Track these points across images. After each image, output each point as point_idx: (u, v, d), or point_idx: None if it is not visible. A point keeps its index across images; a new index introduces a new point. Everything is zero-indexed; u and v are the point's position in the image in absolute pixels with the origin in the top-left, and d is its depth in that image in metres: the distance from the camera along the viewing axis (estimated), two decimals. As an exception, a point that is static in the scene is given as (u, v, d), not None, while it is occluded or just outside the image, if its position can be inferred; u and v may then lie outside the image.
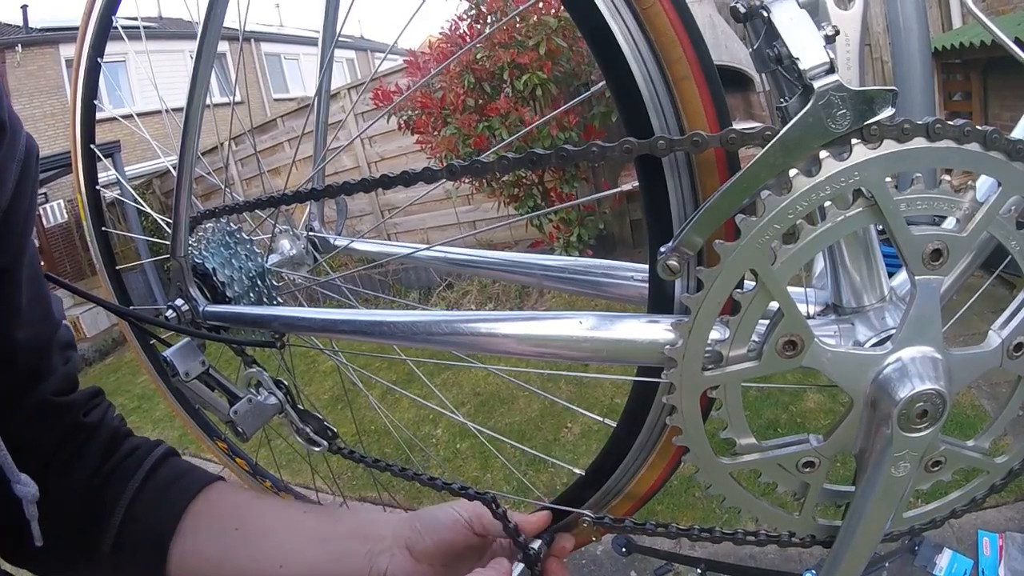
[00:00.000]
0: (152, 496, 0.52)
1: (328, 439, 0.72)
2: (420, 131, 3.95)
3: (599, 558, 2.05)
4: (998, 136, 0.38)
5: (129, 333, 1.03)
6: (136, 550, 0.51)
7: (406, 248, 0.88)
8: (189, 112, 0.62)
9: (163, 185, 6.95)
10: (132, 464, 0.54)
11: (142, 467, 0.53)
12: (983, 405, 2.23)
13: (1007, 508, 1.85)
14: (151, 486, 0.53)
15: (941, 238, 0.40)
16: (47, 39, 10.06)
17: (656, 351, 0.44)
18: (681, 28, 0.41)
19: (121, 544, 0.51)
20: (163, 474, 0.54)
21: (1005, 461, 0.51)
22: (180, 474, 0.55)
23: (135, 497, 0.52)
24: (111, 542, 0.50)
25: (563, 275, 0.70)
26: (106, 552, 0.50)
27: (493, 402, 3.17)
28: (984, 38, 2.75)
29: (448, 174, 0.48)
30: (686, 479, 2.12)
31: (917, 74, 0.56)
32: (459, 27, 3.68)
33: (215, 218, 0.77)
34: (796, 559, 1.80)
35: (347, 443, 0.74)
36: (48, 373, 0.51)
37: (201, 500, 0.53)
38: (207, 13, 0.58)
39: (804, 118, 0.37)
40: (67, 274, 7.78)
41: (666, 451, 0.54)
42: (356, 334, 0.57)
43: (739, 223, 0.39)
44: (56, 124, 9.10)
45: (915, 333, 0.42)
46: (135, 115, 1.14)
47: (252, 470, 1.00)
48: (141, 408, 4.45)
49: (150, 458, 0.54)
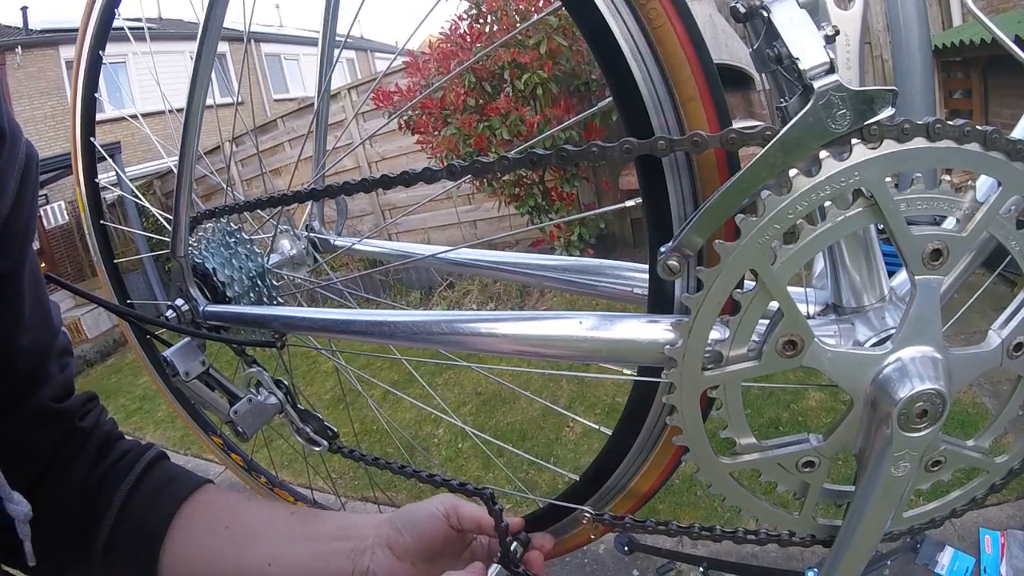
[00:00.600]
0: (144, 498, 0.53)
1: (328, 439, 0.72)
2: (420, 131, 3.95)
3: (601, 557, 2.05)
4: (998, 136, 0.38)
5: (130, 333, 1.03)
6: (128, 552, 0.51)
7: (407, 249, 0.88)
8: (189, 112, 0.62)
9: (163, 186, 6.94)
10: (124, 467, 0.54)
11: (133, 470, 0.54)
12: (984, 403, 2.23)
13: (1008, 506, 1.84)
14: (143, 488, 0.53)
15: (941, 238, 0.40)
16: (47, 40, 10.06)
17: (656, 351, 0.44)
18: (677, 19, 0.41)
19: (113, 546, 0.51)
20: (154, 477, 0.55)
21: (1005, 460, 0.51)
22: (171, 477, 0.56)
23: (127, 499, 0.52)
24: (103, 544, 0.51)
25: (564, 275, 0.70)
26: (98, 554, 0.51)
27: (495, 401, 3.17)
28: (984, 36, 2.74)
29: (448, 174, 0.48)
30: (688, 478, 2.12)
31: (917, 73, 0.56)
32: (459, 27, 3.68)
33: (215, 218, 0.77)
34: (798, 558, 1.80)
35: (347, 443, 0.75)
36: (46, 379, 0.51)
37: (191, 502, 0.54)
38: (207, 13, 0.58)
39: (804, 118, 0.37)
40: (68, 275, 7.79)
41: (667, 450, 0.54)
42: (356, 334, 0.57)
43: (739, 223, 0.39)
44: (56, 125, 9.11)
45: (915, 333, 0.42)
46: (138, 115, 1.15)
47: (247, 466, 1.00)
48: (143, 409, 4.45)
49: (141, 461, 0.55)
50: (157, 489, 0.54)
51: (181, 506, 0.53)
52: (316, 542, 0.54)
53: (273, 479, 1.03)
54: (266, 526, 0.55)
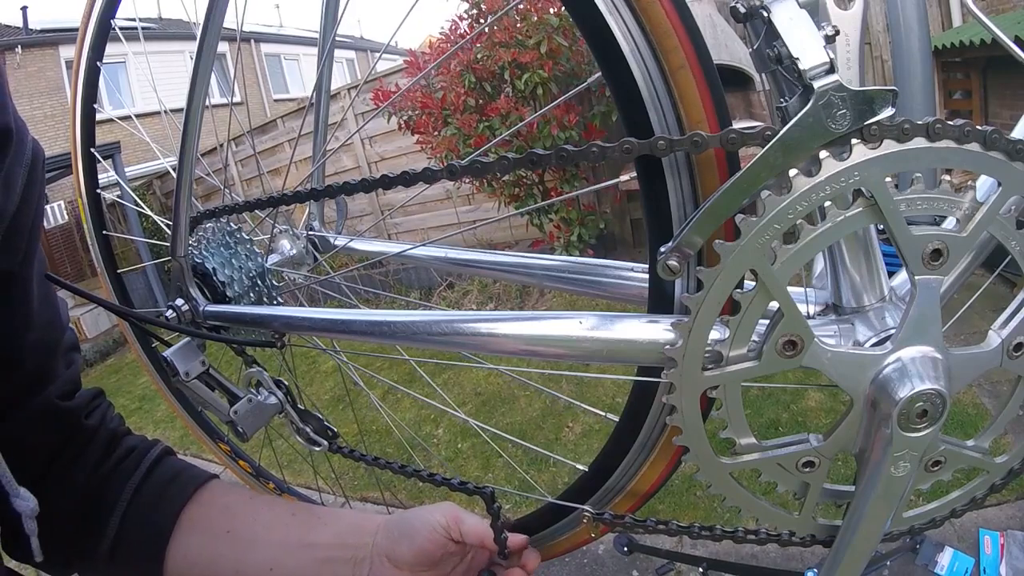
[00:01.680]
0: (149, 498, 0.53)
1: (328, 439, 0.72)
2: (420, 131, 3.95)
3: (601, 557, 2.05)
4: (998, 136, 0.38)
5: (130, 333, 1.03)
6: (133, 552, 0.52)
7: (403, 246, 0.88)
8: (189, 113, 0.62)
9: (163, 186, 6.95)
10: (130, 466, 0.54)
11: (139, 469, 0.54)
12: (984, 403, 2.23)
13: (1008, 506, 1.84)
14: (148, 487, 0.54)
15: (941, 238, 0.40)
16: (47, 40, 10.06)
17: (656, 351, 0.44)
18: (676, 18, 0.41)
19: (119, 545, 0.51)
20: (159, 475, 0.55)
21: (1005, 460, 0.51)
22: (175, 474, 0.56)
23: (133, 499, 0.52)
24: (110, 543, 0.51)
25: (563, 275, 0.70)
26: (104, 553, 0.51)
27: (495, 402, 3.17)
28: (984, 36, 2.75)
29: (448, 174, 0.48)
30: (688, 478, 2.12)
31: (917, 73, 0.56)
32: (459, 27, 3.68)
33: (215, 218, 0.77)
34: (798, 558, 1.80)
35: (347, 443, 0.75)
36: (54, 376, 0.51)
37: (194, 503, 0.54)
38: (207, 13, 0.58)
39: (804, 118, 0.37)
40: (68, 275, 7.79)
41: (667, 450, 0.54)
42: (357, 334, 0.57)
43: (739, 223, 0.39)
44: (56, 125, 9.11)
45: (915, 333, 0.42)
46: (134, 116, 1.14)
47: (255, 472, 1.00)
48: (142, 409, 4.46)
49: (147, 459, 0.55)
50: (162, 489, 0.54)
51: (184, 507, 0.53)
52: (316, 550, 0.54)
53: (281, 484, 1.03)
54: (266, 532, 0.55)
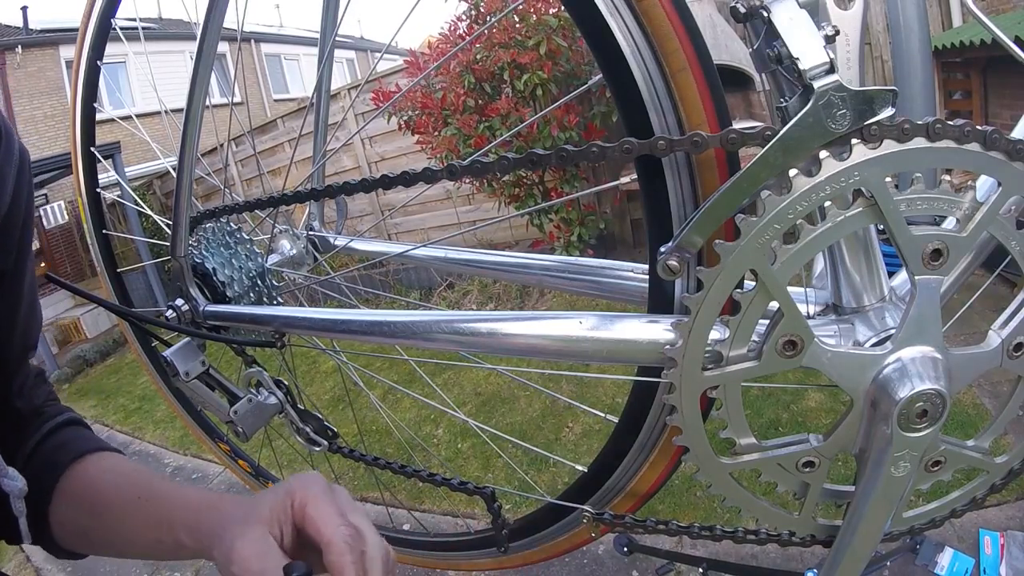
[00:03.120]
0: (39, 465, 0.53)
1: (328, 439, 0.72)
2: (420, 131, 3.95)
3: (601, 557, 2.05)
4: (998, 136, 0.38)
5: (130, 333, 1.03)
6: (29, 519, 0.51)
7: (403, 247, 0.88)
8: (189, 113, 0.62)
9: (163, 186, 6.94)
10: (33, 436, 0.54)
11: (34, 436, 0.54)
12: (984, 403, 2.23)
13: (1008, 507, 1.84)
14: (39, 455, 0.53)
15: (941, 238, 0.40)
16: (47, 40, 10.06)
17: (656, 351, 0.44)
18: (678, 20, 0.41)
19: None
20: (52, 443, 0.54)
21: (1005, 461, 0.51)
22: (62, 444, 0.55)
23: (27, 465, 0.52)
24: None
25: (563, 275, 0.70)
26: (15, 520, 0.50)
27: (494, 402, 3.17)
28: (984, 37, 2.74)
29: (448, 174, 0.48)
30: (688, 478, 2.12)
31: (918, 73, 0.56)
32: (458, 27, 3.68)
33: (215, 218, 0.77)
34: (798, 558, 1.80)
35: (347, 443, 0.75)
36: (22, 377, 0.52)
37: (68, 476, 0.53)
38: (207, 13, 0.58)
39: (804, 118, 0.37)
40: (68, 275, 7.80)
41: (667, 450, 0.54)
42: (357, 334, 0.57)
43: (739, 223, 0.39)
44: (56, 125, 9.11)
45: (915, 333, 0.42)
46: (134, 116, 1.15)
47: (255, 472, 1.00)
48: (142, 409, 4.45)
49: (44, 428, 0.55)
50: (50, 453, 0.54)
51: (59, 480, 0.52)
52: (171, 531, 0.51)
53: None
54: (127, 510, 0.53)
